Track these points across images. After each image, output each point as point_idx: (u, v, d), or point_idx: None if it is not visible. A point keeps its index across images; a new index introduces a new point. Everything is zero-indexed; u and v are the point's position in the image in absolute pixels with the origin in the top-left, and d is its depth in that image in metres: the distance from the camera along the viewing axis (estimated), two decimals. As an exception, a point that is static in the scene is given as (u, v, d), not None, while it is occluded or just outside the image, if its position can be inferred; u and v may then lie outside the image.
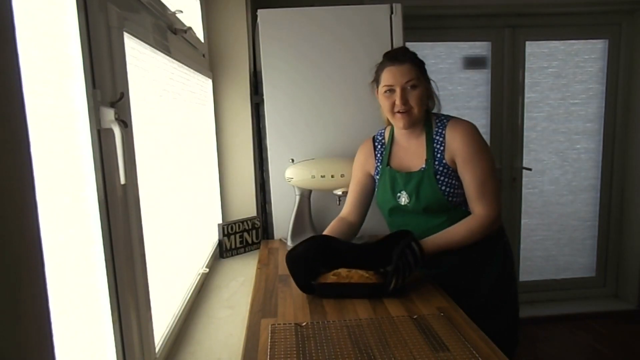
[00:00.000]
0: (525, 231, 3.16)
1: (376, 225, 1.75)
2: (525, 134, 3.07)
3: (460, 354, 0.97)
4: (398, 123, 1.44)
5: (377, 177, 1.55)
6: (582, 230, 3.21)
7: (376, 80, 1.47)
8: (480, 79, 3.00)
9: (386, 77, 1.41)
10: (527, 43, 2.98)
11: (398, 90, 1.39)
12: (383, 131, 1.60)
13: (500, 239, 1.50)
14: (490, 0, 2.78)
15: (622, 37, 3.01)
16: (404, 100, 1.39)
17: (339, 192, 1.77)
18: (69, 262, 0.71)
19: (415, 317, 1.15)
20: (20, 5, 0.60)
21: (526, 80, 3.02)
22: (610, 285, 3.26)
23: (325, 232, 1.53)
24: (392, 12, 1.90)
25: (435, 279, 1.41)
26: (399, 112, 1.41)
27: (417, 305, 1.22)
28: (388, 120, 1.52)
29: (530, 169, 3.08)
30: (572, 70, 3.04)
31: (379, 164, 1.55)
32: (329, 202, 1.92)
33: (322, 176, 1.76)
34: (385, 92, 1.42)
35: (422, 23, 2.81)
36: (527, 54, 2.99)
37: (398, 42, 1.90)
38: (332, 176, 1.76)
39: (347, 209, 1.62)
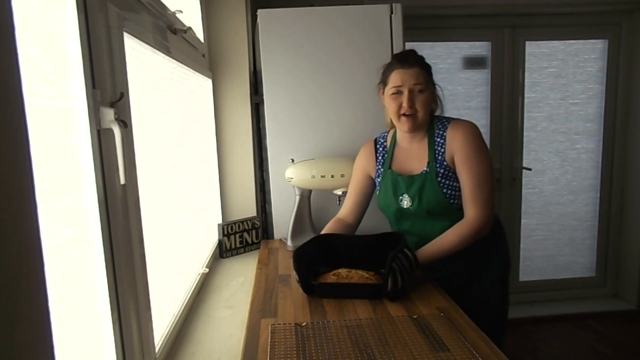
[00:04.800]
0: (525, 231, 3.16)
1: (377, 225, 1.74)
2: (525, 133, 3.06)
3: (460, 354, 0.97)
4: (403, 126, 1.43)
5: (379, 179, 1.55)
6: (582, 230, 3.21)
7: (383, 82, 1.46)
8: (480, 79, 3.00)
9: (394, 79, 1.40)
10: (527, 43, 2.98)
11: (406, 92, 1.38)
12: (386, 134, 1.59)
13: (500, 245, 1.50)
14: (490, 0, 2.78)
15: (622, 37, 3.01)
16: (411, 103, 1.38)
17: (339, 192, 1.77)
18: (69, 262, 0.71)
19: (415, 317, 1.15)
20: (20, 5, 0.60)
21: (526, 80, 3.02)
22: (610, 285, 3.26)
23: (323, 232, 1.53)
24: (392, 12, 1.90)
25: (436, 280, 1.41)
26: (404, 114, 1.40)
27: (417, 305, 1.22)
28: (391, 122, 1.51)
29: (530, 169, 3.08)
30: (572, 70, 3.04)
31: (380, 166, 1.55)
32: (329, 202, 1.92)
33: (322, 176, 1.76)
34: (393, 93, 1.41)
35: (422, 23, 2.81)
36: (527, 54, 2.99)
37: (398, 42, 1.90)
38: (332, 176, 1.76)
39: (345, 210, 1.63)
